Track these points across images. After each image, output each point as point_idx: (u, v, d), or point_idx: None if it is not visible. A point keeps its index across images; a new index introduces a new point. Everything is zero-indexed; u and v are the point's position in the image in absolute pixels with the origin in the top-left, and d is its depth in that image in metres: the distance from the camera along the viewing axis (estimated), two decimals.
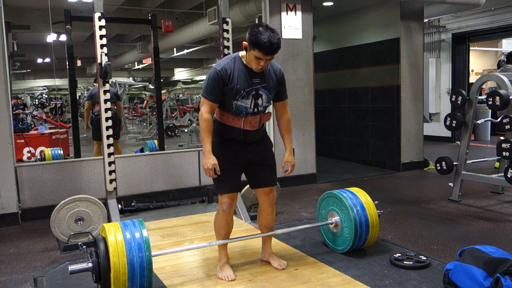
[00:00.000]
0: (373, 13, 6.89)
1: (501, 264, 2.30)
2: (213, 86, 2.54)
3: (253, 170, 2.79)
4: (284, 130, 2.83)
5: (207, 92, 2.57)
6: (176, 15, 9.87)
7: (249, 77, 2.58)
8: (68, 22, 6.03)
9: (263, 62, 2.50)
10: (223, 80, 2.54)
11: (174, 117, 14.03)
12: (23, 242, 3.87)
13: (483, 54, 11.57)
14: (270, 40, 2.42)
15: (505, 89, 4.38)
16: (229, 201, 2.70)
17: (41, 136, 7.64)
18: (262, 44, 2.42)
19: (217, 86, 2.54)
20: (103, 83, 3.73)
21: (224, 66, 2.56)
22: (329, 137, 7.98)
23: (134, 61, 16.36)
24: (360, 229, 2.96)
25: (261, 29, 2.44)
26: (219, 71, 2.53)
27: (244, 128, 2.66)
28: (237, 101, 2.58)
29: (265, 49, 2.43)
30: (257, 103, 2.63)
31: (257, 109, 2.65)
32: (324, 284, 2.62)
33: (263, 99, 2.65)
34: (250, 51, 2.49)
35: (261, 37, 2.41)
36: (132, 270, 2.34)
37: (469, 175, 4.78)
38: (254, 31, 2.44)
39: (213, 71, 2.55)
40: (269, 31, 2.44)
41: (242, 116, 2.63)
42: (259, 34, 2.42)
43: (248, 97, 2.60)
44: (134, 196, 4.86)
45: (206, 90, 2.57)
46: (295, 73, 5.68)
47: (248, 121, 2.65)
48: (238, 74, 2.56)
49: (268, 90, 2.65)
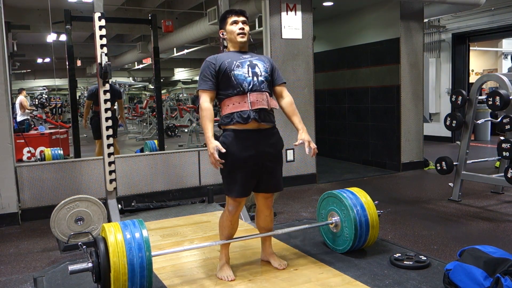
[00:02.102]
0: (373, 13, 6.89)
1: (501, 264, 2.30)
2: (206, 73, 2.64)
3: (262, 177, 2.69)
4: (290, 113, 2.80)
5: (201, 82, 2.65)
6: (176, 15, 9.88)
7: (239, 54, 2.70)
8: (68, 22, 6.03)
9: (241, 24, 2.68)
10: (214, 65, 2.63)
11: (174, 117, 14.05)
12: (23, 242, 3.87)
13: (483, 54, 11.57)
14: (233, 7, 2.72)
15: (505, 89, 4.39)
16: (236, 204, 2.67)
17: (41, 136, 7.65)
18: (229, 9, 2.74)
19: (209, 72, 2.63)
20: (103, 83, 3.73)
21: (213, 56, 2.70)
22: (329, 137, 7.98)
23: (134, 61, 16.37)
24: (360, 229, 2.96)
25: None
26: (208, 59, 2.68)
27: (252, 108, 2.56)
28: (234, 71, 2.61)
29: (235, 11, 2.70)
30: (255, 72, 2.63)
31: (257, 78, 2.61)
32: (324, 284, 2.62)
33: (260, 68, 2.66)
34: (226, 27, 2.71)
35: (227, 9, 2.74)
36: (132, 270, 2.34)
37: (469, 175, 4.78)
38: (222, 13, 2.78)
39: (204, 63, 2.68)
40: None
41: (245, 90, 2.57)
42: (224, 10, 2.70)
43: (243, 66, 2.63)
44: (134, 196, 4.86)
45: (200, 82, 2.66)
46: (295, 73, 5.68)
47: (254, 97, 2.57)
48: (227, 56, 2.69)
49: (262, 62, 2.72)
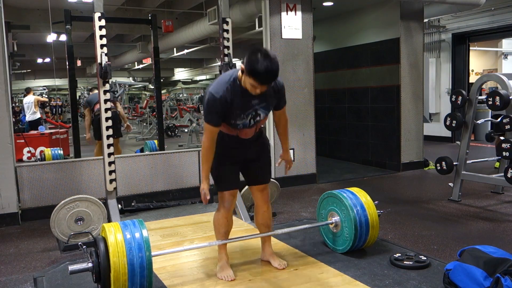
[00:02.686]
0: (373, 13, 6.89)
1: (501, 264, 2.30)
2: (214, 112, 2.50)
3: (249, 167, 2.82)
4: (282, 131, 2.86)
5: (208, 118, 2.53)
6: (176, 15, 9.87)
7: (248, 99, 2.52)
8: (68, 22, 6.03)
9: (259, 90, 2.42)
10: (223, 107, 2.49)
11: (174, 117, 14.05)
12: (23, 242, 3.87)
13: (483, 54, 11.57)
14: (267, 70, 2.32)
15: (505, 89, 4.39)
16: (231, 198, 2.75)
17: (41, 136, 7.65)
18: (259, 74, 2.33)
19: (216, 112, 2.51)
20: (103, 83, 3.73)
21: (222, 94, 2.47)
22: (329, 137, 7.98)
23: (134, 61, 16.38)
24: (360, 229, 2.96)
25: (259, 57, 2.31)
26: (218, 99, 2.46)
27: (239, 136, 2.67)
28: (237, 120, 2.57)
29: (261, 79, 2.35)
30: (255, 119, 2.64)
31: (253, 121, 2.64)
32: (324, 284, 2.62)
33: (261, 116, 2.65)
34: (246, 77, 2.39)
35: (258, 67, 2.30)
36: (132, 270, 2.34)
37: (469, 175, 4.78)
38: (252, 58, 2.33)
39: (211, 98, 2.47)
40: (268, 60, 2.31)
41: (238, 128, 2.63)
42: (256, 63, 2.30)
43: (246, 118, 2.59)
44: (134, 196, 4.86)
45: (207, 116, 2.53)
46: (295, 73, 5.68)
47: (244, 132, 2.66)
48: (236, 99, 2.49)
49: (267, 109, 2.65)
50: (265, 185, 2.86)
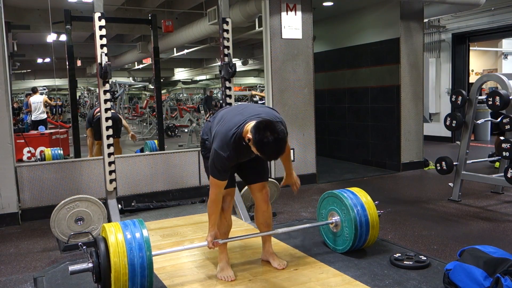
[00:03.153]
0: (373, 13, 6.88)
1: (501, 264, 2.30)
2: (221, 169, 2.53)
3: (246, 167, 2.82)
4: (284, 159, 2.84)
5: (215, 174, 2.54)
6: (176, 15, 9.87)
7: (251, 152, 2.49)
8: (68, 22, 6.03)
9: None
10: (230, 163, 2.54)
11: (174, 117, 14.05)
12: (23, 242, 3.87)
13: (483, 54, 11.57)
14: (277, 152, 2.32)
15: (505, 89, 4.39)
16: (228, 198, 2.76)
17: (41, 136, 7.64)
18: (267, 155, 2.35)
19: (224, 170, 2.54)
20: (103, 83, 3.73)
21: (229, 154, 2.48)
22: (329, 137, 7.98)
23: (134, 61, 16.36)
24: (360, 229, 2.96)
25: (270, 138, 2.27)
26: (225, 158, 2.48)
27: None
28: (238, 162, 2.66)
29: (268, 158, 2.41)
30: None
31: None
32: (324, 284, 2.62)
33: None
34: (253, 147, 2.37)
35: (266, 149, 2.30)
36: (132, 270, 2.34)
37: (469, 175, 4.78)
38: (261, 138, 2.28)
39: (218, 157, 2.48)
40: (277, 142, 2.28)
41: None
42: (265, 145, 2.29)
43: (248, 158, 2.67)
44: (134, 196, 4.86)
45: (214, 172, 2.54)
46: (295, 73, 5.68)
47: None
48: (240, 152, 2.53)
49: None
50: (263, 183, 2.85)
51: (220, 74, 4.26)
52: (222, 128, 2.55)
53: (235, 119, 2.54)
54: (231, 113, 2.66)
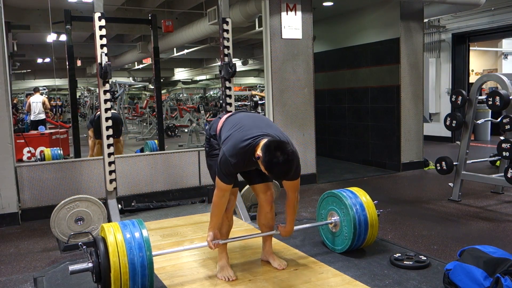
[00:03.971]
0: (373, 13, 6.89)
1: (501, 264, 2.30)
2: (228, 173, 2.52)
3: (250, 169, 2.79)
4: (288, 208, 2.77)
5: (222, 177, 2.53)
6: (176, 15, 9.87)
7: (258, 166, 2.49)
8: (68, 22, 6.03)
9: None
10: (236, 170, 2.57)
11: (174, 117, 14.04)
12: (23, 242, 3.87)
13: (483, 54, 11.57)
14: (286, 172, 2.35)
15: (505, 89, 4.39)
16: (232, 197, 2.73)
17: (41, 136, 7.64)
18: (274, 174, 2.37)
19: (230, 174, 2.53)
20: (103, 83, 3.73)
21: (237, 161, 2.48)
22: (329, 137, 7.98)
23: (134, 61, 16.36)
24: (359, 228, 2.96)
25: (280, 158, 2.28)
26: (232, 165, 2.48)
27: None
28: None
29: (277, 178, 2.45)
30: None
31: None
32: (324, 284, 2.62)
33: None
34: (262, 166, 2.37)
35: (276, 169, 2.32)
36: (133, 269, 2.34)
37: (469, 175, 4.78)
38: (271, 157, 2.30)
39: (227, 161, 2.48)
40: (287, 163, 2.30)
41: None
42: (274, 166, 2.31)
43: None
44: (134, 196, 4.86)
45: (220, 175, 2.53)
46: (295, 73, 5.68)
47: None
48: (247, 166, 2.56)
49: None
50: (268, 184, 2.82)
51: (220, 74, 4.25)
52: (238, 134, 2.53)
53: (253, 131, 2.52)
54: (250, 121, 2.64)
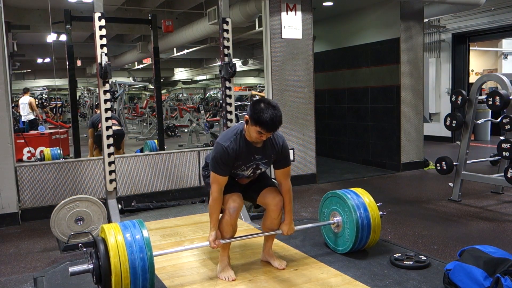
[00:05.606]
0: (373, 13, 6.88)
1: (501, 264, 2.30)
2: (222, 162, 2.59)
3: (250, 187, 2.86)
4: (285, 195, 2.80)
5: (216, 168, 2.60)
6: (176, 15, 9.86)
7: (251, 153, 2.64)
8: (68, 22, 6.04)
9: (265, 136, 2.55)
10: (230, 158, 2.59)
11: (174, 117, 14.04)
12: (23, 242, 3.87)
13: (483, 54, 11.57)
14: (272, 118, 2.45)
15: (505, 89, 4.39)
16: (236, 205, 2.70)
17: (41, 136, 7.64)
18: (265, 123, 2.45)
19: (225, 163, 2.59)
20: (103, 83, 3.73)
21: (230, 145, 2.58)
22: (329, 137, 7.98)
23: (134, 61, 16.34)
24: (362, 232, 2.96)
25: (263, 106, 2.47)
26: (226, 148, 2.57)
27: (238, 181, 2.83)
28: (237, 170, 2.70)
29: (267, 127, 2.48)
30: (255, 172, 2.75)
31: (253, 174, 2.77)
32: (324, 284, 2.62)
33: (262, 170, 2.76)
34: (252, 126, 2.51)
35: (263, 116, 2.44)
36: (134, 274, 2.33)
37: (469, 175, 4.78)
38: (256, 108, 2.47)
39: (220, 149, 2.58)
40: (271, 108, 2.47)
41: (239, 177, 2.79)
42: (261, 113, 2.45)
43: (247, 169, 2.70)
44: (134, 196, 4.86)
45: (215, 166, 2.60)
46: (295, 73, 5.68)
47: (242, 180, 2.83)
48: (241, 152, 2.61)
49: (268, 164, 2.74)
50: (275, 190, 2.83)
51: (220, 74, 4.26)
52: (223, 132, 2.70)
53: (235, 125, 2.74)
54: None
